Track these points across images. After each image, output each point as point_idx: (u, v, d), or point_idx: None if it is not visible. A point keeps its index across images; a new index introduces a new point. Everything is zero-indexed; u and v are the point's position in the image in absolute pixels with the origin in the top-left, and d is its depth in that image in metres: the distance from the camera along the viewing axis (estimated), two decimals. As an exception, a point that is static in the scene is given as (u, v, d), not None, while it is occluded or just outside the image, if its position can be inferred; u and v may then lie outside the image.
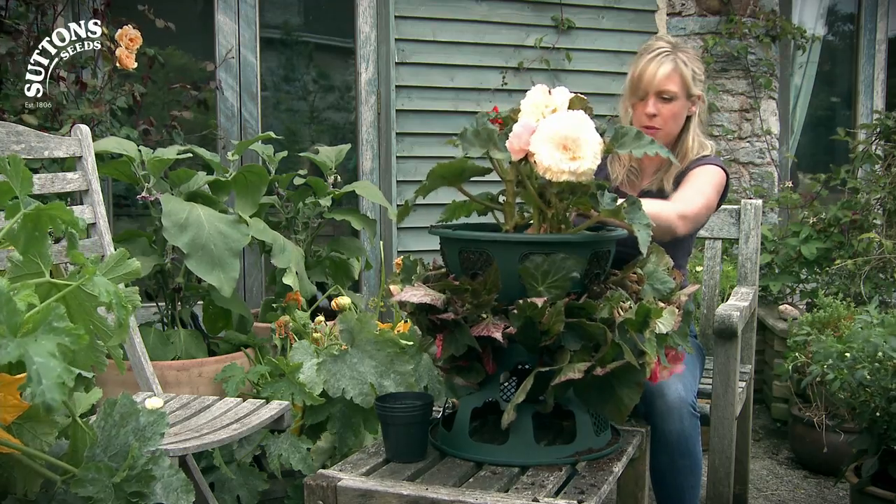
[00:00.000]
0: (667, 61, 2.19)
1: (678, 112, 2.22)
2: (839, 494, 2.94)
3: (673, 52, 2.20)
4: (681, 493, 2.03)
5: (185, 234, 2.38)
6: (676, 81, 2.19)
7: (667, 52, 2.20)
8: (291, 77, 4.11)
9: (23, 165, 1.31)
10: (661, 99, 2.20)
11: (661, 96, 2.19)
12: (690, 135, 2.27)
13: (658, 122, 2.21)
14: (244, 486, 2.34)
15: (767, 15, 4.45)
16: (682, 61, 2.20)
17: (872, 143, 3.91)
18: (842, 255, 3.74)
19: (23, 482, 1.33)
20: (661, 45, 2.23)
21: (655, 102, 2.20)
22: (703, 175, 2.20)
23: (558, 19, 4.14)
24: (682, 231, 2.05)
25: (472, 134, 1.61)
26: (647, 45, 2.26)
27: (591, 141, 1.52)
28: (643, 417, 2.02)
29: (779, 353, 3.56)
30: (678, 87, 2.19)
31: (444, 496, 1.44)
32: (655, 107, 2.20)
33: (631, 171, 2.32)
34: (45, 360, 1.07)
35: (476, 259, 1.59)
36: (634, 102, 2.25)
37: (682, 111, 2.23)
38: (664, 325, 1.58)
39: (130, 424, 1.34)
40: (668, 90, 2.19)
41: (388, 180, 3.91)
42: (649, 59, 2.21)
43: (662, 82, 2.18)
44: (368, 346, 2.26)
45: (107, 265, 1.35)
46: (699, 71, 2.24)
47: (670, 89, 2.19)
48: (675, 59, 2.19)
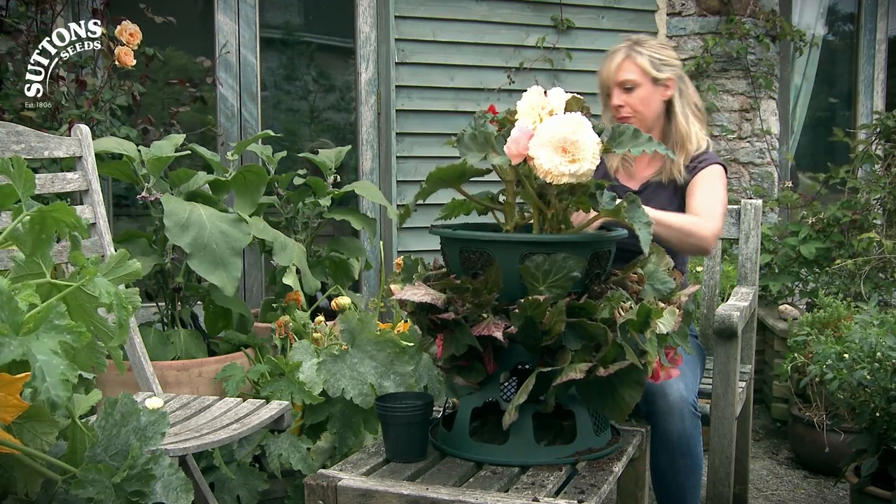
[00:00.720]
0: (618, 54, 2.29)
1: (645, 97, 2.27)
2: (839, 494, 2.94)
3: (628, 47, 2.29)
4: (682, 493, 2.03)
5: (186, 234, 2.38)
6: (632, 69, 2.26)
7: (621, 48, 2.30)
8: (291, 77, 4.11)
9: (25, 167, 1.31)
10: (623, 90, 2.27)
11: (623, 87, 2.27)
12: (679, 118, 2.32)
13: (627, 111, 2.28)
14: (244, 486, 2.34)
15: (767, 15, 4.45)
16: (636, 51, 2.27)
17: (872, 143, 3.91)
18: (842, 254, 3.74)
19: (23, 482, 1.33)
20: (619, 44, 2.32)
21: (619, 94, 2.27)
22: (712, 177, 2.27)
23: (558, 19, 4.14)
24: (710, 245, 2.16)
25: (469, 138, 1.60)
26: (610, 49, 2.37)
27: (589, 142, 1.53)
28: (644, 417, 2.02)
29: (779, 353, 3.56)
30: (636, 74, 2.26)
31: (445, 496, 1.44)
32: (620, 98, 2.28)
33: (625, 159, 2.38)
34: (48, 358, 1.08)
35: (477, 259, 1.59)
36: (605, 101, 2.34)
37: (650, 96, 2.28)
38: (665, 326, 1.58)
39: (131, 424, 1.34)
40: (627, 79, 2.26)
41: (388, 180, 3.91)
42: (605, 57, 2.32)
43: (616, 73, 2.26)
44: (369, 346, 2.26)
45: (107, 266, 1.35)
46: (663, 56, 2.29)
47: (628, 78, 2.26)
48: (627, 50, 2.28)
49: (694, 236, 2.11)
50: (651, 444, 2.04)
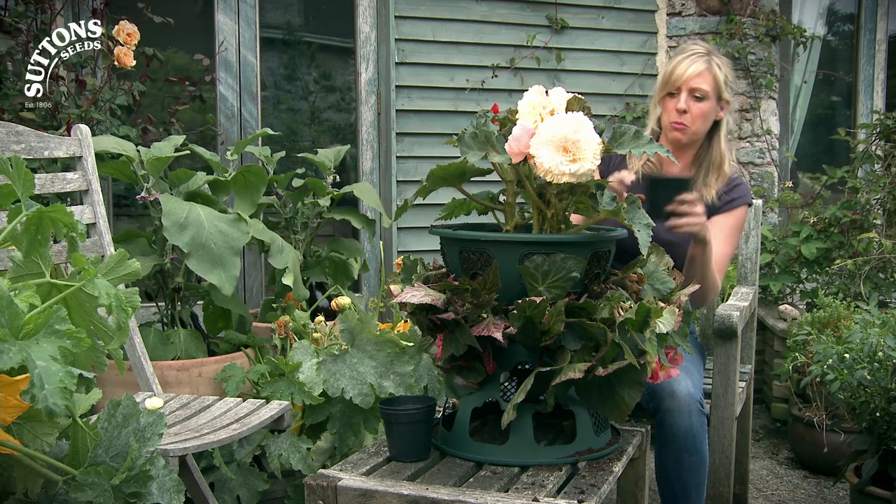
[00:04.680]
0: (701, 61, 2.24)
1: (707, 112, 2.25)
2: (839, 494, 2.94)
3: (707, 55, 2.26)
4: (687, 491, 2.03)
5: (185, 234, 2.38)
6: (709, 81, 2.23)
7: (702, 54, 2.26)
8: (291, 77, 4.11)
9: (25, 167, 1.31)
10: (692, 97, 2.23)
11: (693, 94, 2.23)
12: (721, 143, 2.30)
13: (687, 119, 2.24)
14: (244, 486, 2.34)
15: (767, 15, 4.45)
16: (716, 64, 2.25)
17: (872, 143, 3.91)
18: (842, 255, 3.74)
19: (23, 482, 1.33)
20: (697, 47, 2.28)
21: (687, 99, 2.23)
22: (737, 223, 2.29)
23: (557, 19, 4.14)
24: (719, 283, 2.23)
25: (470, 137, 1.60)
26: (682, 47, 2.32)
27: (590, 142, 1.53)
28: (650, 414, 2.03)
29: (779, 353, 3.56)
30: (710, 86, 2.23)
31: (445, 496, 1.44)
32: (687, 103, 2.23)
33: (647, 166, 2.33)
34: (47, 365, 1.07)
35: (476, 259, 1.59)
36: (664, 98, 2.28)
37: (711, 112, 2.26)
38: (664, 325, 1.58)
39: (132, 425, 1.34)
40: (700, 88, 2.22)
41: (388, 180, 3.91)
42: (683, 57, 2.26)
43: (695, 79, 2.22)
44: (369, 346, 2.26)
45: (107, 266, 1.35)
46: (731, 77, 2.29)
47: (702, 87, 2.22)
48: (708, 59, 2.24)
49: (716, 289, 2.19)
50: (656, 442, 2.04)
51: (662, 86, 2.28)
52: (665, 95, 2.27)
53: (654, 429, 2.04)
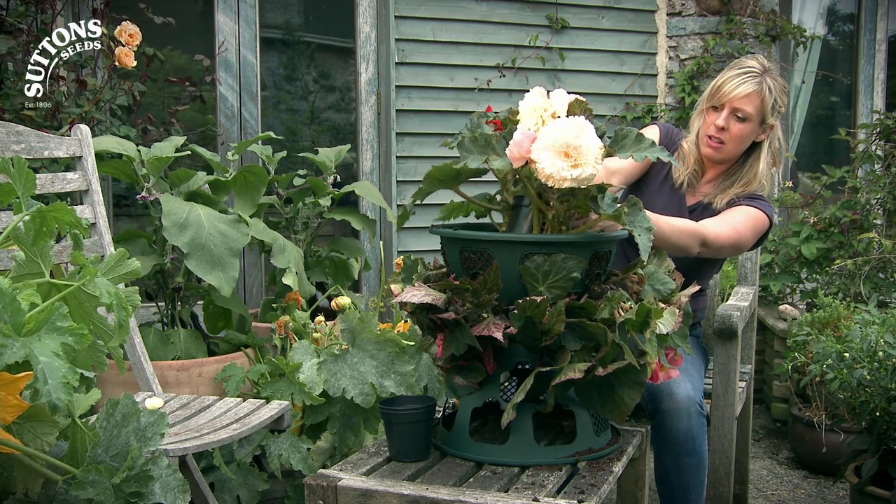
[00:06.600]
0: (752, 82, 2.15)
1: (746, 134, 2.18)
2: (839, 494, 2.94)
3: (761, 76, 2.17)
4: (686, 492, 2.03)
5: (184, 234, 2.38)
6: (755, 104, 2.15)
7: (755, 74, 2.17)
8: (291, 77, 4.11)
9: (26, 167, 1.31)
10: (735, 116, 2.16)
11: (736, 114, 2.16)
12: (762, 162, 2.23)
13: (725, 136, 2.18)
14: (244, 486, 2.34)
15: (767, 15, 4.45)
16: (768, 87, 2.16)
17: (872, 143, 3.91)
18: (842, 255, 3.74)
19: (23, 482, 1.33)
20: (754, 64, 2.19)
21: (728, 117, 2.17)
22: (746, 214, 2.17)
23: (557, 19, 4.14)
24: (695, 253, 2.03)
25: (469, 141, 1.58)
26: (740, 61, 2.23)
27: (591, 147, 1.52)
28: (649, 416, 2.02)
29: (779, 353, 3.56)
30: (755, 109, 2.16)
31: (445, 496, 1.44)
32: (727, 121, 2.17)
33: (693, 175, 2.29)
34: (50, 360, 1.08)
35: (477, 259, 1.59)
36: (708, 109, 2.22)
37: (750, 135, 2.20)
38: (665, 326, 1.58)
39: (132, 425, 1.35)
40: (744, 110, 2.15)
41: (388, 180, 3.91)
42: (736, 73, 2.17)
43: (741, 100, 2.14)
44: (369, 345, 2.26)
45: (107, 265, 1.35)
46: (781, 102, 2.20)
47: (746, 109, 2.15)
48: (761, 81, 2.16)
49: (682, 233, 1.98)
50: (656, 443, 2.04)
51: (709, 97, 2.21)
52: (709, 107, 2.21)
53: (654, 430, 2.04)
